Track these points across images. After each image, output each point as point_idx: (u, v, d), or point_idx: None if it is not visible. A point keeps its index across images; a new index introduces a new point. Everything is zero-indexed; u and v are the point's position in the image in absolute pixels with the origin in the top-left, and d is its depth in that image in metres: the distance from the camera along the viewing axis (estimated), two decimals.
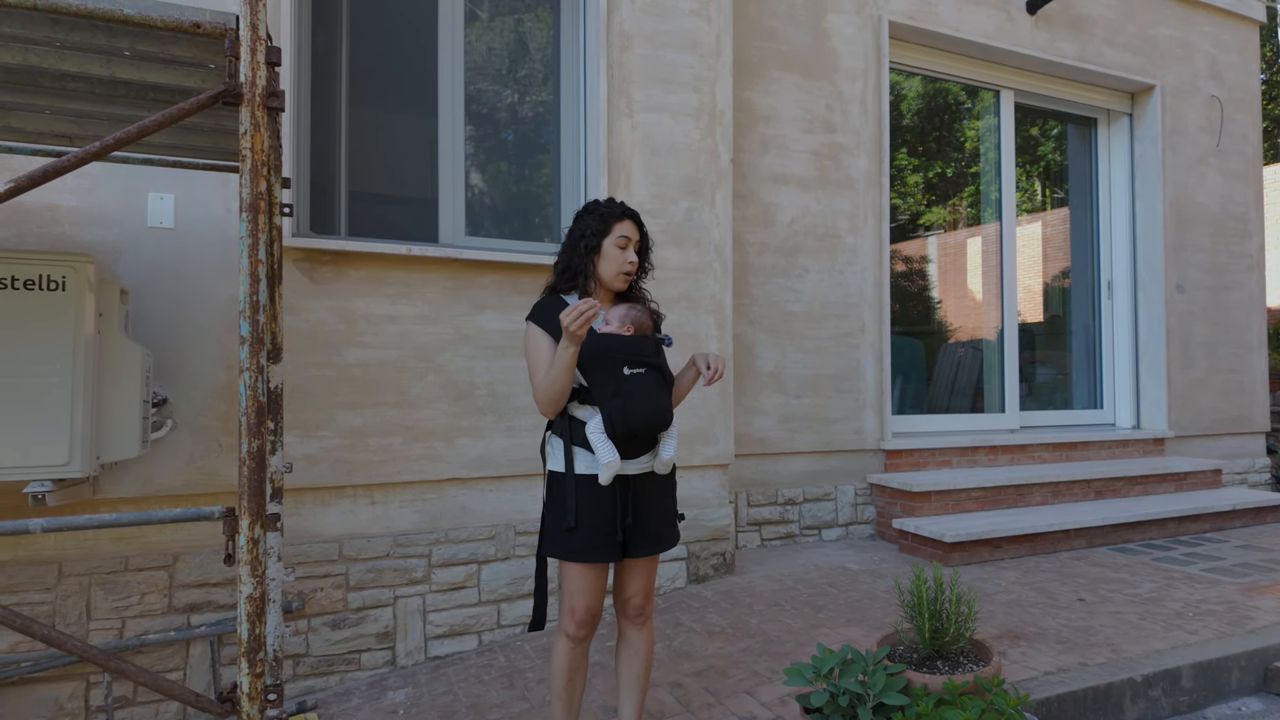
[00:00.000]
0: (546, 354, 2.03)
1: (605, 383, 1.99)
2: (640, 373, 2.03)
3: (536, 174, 3.88)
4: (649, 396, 2.01)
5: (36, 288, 2.31)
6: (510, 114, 3.81)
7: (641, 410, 1.99)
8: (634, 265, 2.14)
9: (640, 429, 2.00)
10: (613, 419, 1.97)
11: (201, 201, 2.94)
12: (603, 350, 2.02)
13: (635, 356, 2.03)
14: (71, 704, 2.70)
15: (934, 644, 2.16)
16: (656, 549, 2.10)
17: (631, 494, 2.06)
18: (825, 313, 4.57)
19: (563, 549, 2.02)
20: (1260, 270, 6.21)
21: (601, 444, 1.99)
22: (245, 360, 1.63)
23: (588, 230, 2.11)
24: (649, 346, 2.09)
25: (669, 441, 2.10)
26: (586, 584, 2.04)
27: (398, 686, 2.97)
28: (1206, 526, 4.81)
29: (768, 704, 2.55)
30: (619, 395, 1.98)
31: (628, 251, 2.12)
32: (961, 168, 5.87)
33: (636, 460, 2.06)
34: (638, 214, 2.18)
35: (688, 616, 3.37)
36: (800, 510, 4.51)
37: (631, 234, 2.14)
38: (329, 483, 3.08)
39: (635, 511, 2.06)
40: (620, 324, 2.08)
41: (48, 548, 2.72)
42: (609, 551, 2.02)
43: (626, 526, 2.04)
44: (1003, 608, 3.36)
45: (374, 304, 3.20)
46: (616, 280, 2.13)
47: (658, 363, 2.08)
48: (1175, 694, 2.73)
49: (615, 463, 1.98)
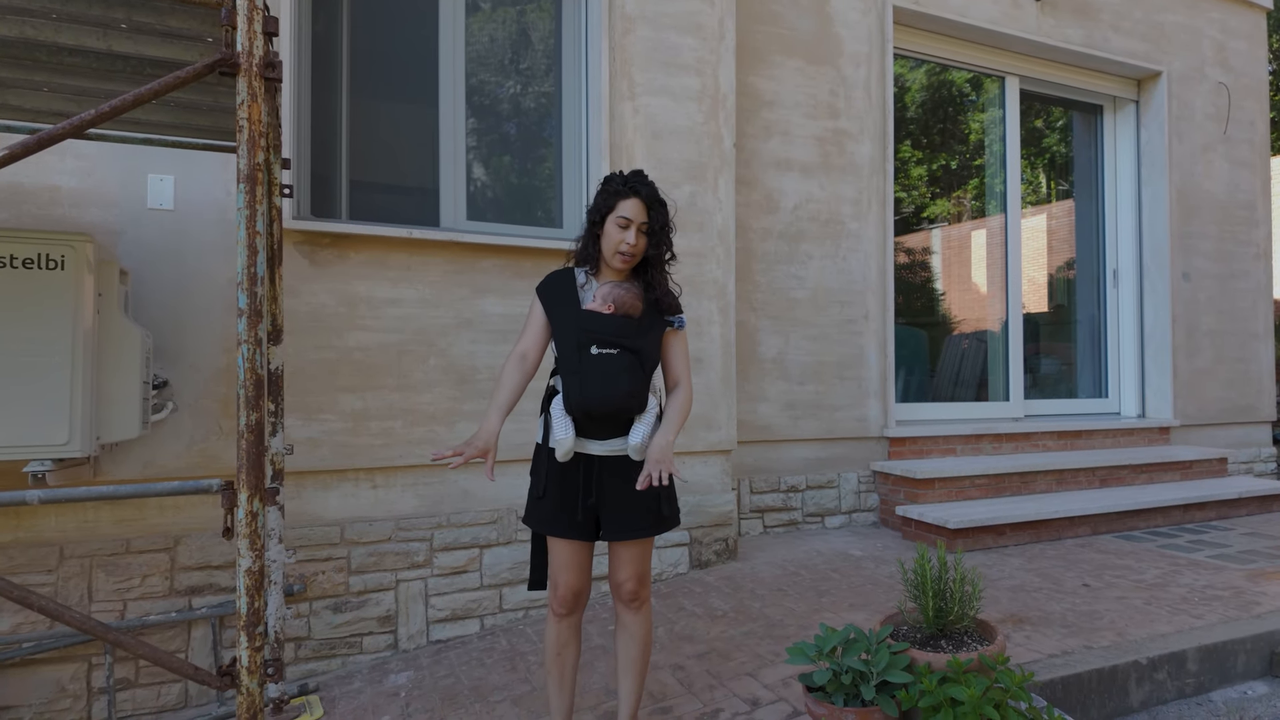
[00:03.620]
0: (536, 320, 2.10)
1: (569, 359, 1.99)
2: (610, 354, 1.98)
3: (538, 159, 3.86)
4: (612, 379, 1.96)
5: (36, 266, 2.30)
6: (511, 98, 3.78)
7: (600, 392, 1.95)
8: (631, 247, 2.04)
9: (597, 410, 1.97)
10: (569, 397, 1.97)
11: (201, 183, 2.93)
12: (576, 327, 2.00)
13: (608, 337, 1.98)
14: (73, 685, 2.70)
15: (938, 623, 2.14)
16: (625, 535, 2.03)
17: (597, 475, 2.02)
18: (829, 300, 4.55)
19: (534, 518, 2.06)
20: (1267, 259, 6.16)
21: (558, 419, 2.00)
22: (243, 333, 1.62)
23: (596, 204, 2.08)
24: (629, 328, 2.01)
25: (639, 426, 2.02)
26: (563, 560, 2.05)
27: (400, 670, 2.97)
28: (1212, 515, 4.78)
29: (770, 685, 2.54)
30: (578, 374, 1.97)
31: (627, 232, 2.03)
32: (965, 160, 5.84)
33: (604, 442, 2.02)
34: (651, 192, 2.07)
35: (690, 601, 3.36)
36: (803, 498, 4.50)
37: (634, 214, 2.04)
38: (330, 466, 3.08)
39: (601, 493, 2.01)
40: (601, 302, 2.04)
41: (49, 529, 2.72)
42: (570, 529, 2.01)
43: (591, 507, 2.01)
44: (1007, 593, 3.35)
45: (375, 287, 3.18)
46: (614, 260, 2.06)
47: (634, 345, 2.00)
48: (1181, 677, 2.72)
49: (567, 440, 1.97)
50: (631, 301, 2.04)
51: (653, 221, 2.08)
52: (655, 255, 2.10)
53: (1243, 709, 2.64)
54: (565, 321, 2.02)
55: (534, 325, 2.10)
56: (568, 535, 2.01)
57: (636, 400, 2.01)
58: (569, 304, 2.06)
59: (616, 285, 2.07)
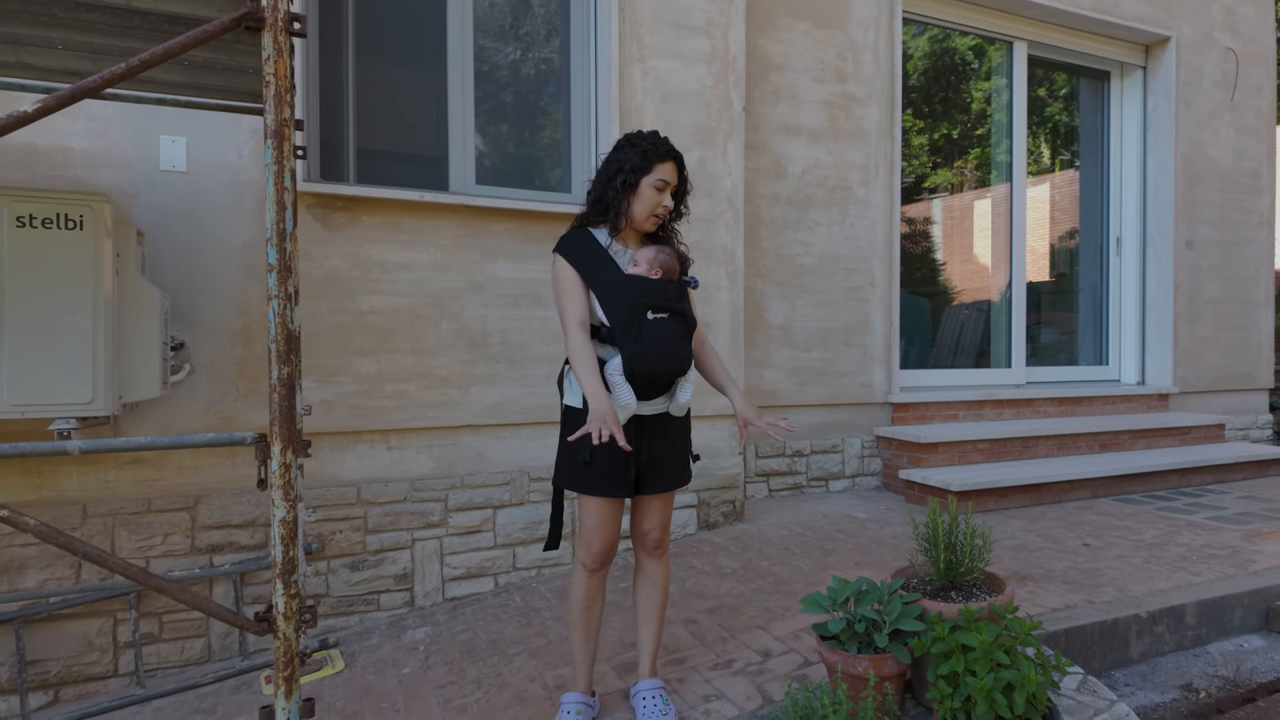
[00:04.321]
0: (570, 283, 2.03)
1: (627, 326, 2.00)
2: (663, 318, 2.03)
3: (546, 123, 3.84)
4: (669, 342, 2.02)
5: (55, 226, 2.31)
6: (519, 62, 3.76)
7: (660, 356, 2.00)
8: (667, 210, 2.11)
9: (658, 374, 2.02)
10: (632, 363, 1.99)
11: (214, 145, 2.92)
12: (627, 294, 2.01)
13: (659, 301, 2.03)
14: (100, 639, 2.76)
15: (948, 575, 2.20)
16: (670, 486, 2.14)
17: (646, 434, 2.09)
18: (835, 266, 4.57)
19: (578, 481, 2.05)
20: (1270, 227, 6.18)
21: (620, 385, 2.01)
22: (273, 288, 1.64)
23: (627, 164, 2.05)
24: (673, 291, 2.08)
25: (686, 385, 2.11)
26: (602, 517, 2.07)
27: (417, 625, 3.04)
28: (1209, 479, 4.86)
29: (781, 638, 2.61)
30: (639, 340, 1.99)
31: (664, 195, 2.08)
32: (967, 129, 5.80)
33: (652, 402, 2.08)
34: (681, 156, 2.12)
35: (699, 560, 3.42)
36: (808, 462, 4.56)
37: (671, 177, 2.09)
38: (346, 428, 3.11)
39: (649, 451, 2.09)
40: (649, 267, 2.07)
41: (71, 488, 2.76)
42: (622, 487, 2.05)
43: (641, 465, 2.07)
44: (1009, 552, 3.42)
45: (387, 251, 3.19)
46: (647, 223, 2.10)
47: (681, 308, 2.08)
48: (1180, 630, 2.79)
49: (632, 405, 2.01)
50: (673, 265, 2.10)
51: (681, 184, 2.13)
52: (677, 216, 2.16)
53: (1239, 660, 2.73)
54: (612, 286, 2.02)
55: (577, 291, 2.04)
56: (617, 494, 2.05)
57: (689, 360, 2.08)
58: (607, 267, 2.05)
59: (659, 250, 2.10)
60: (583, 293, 2.05)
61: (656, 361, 2.00)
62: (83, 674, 2.74)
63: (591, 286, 2.04)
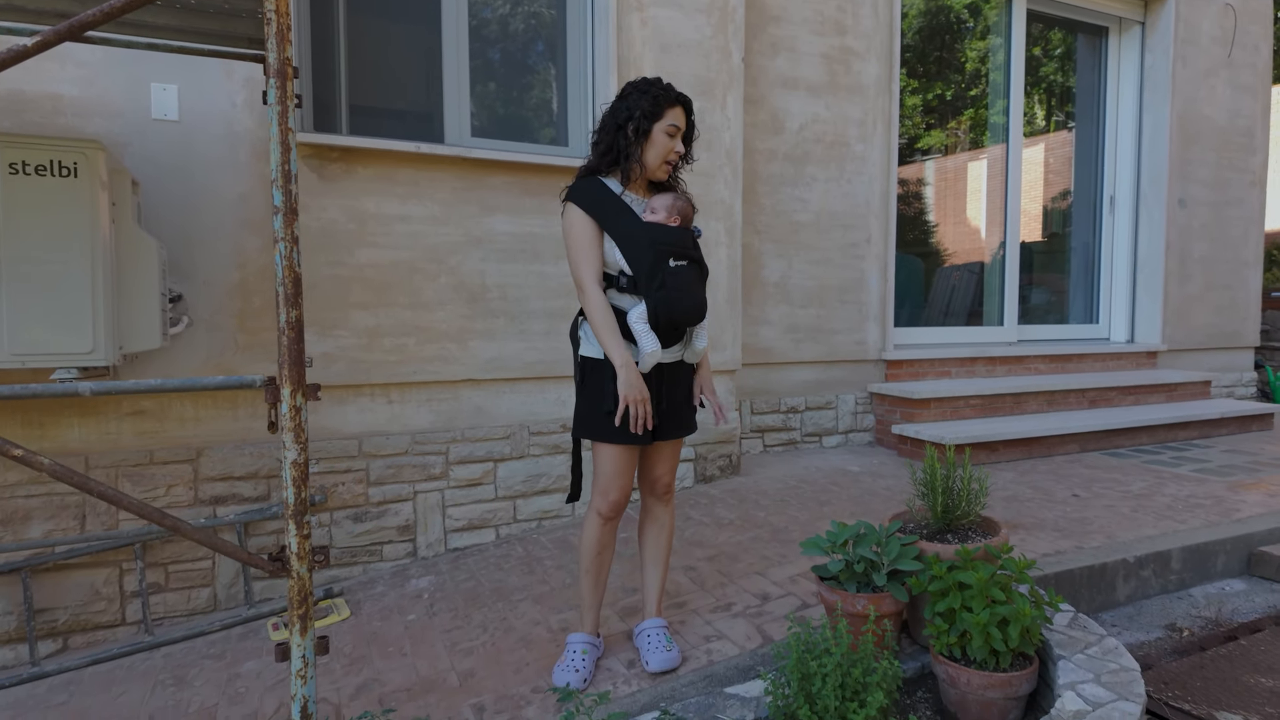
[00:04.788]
0: (585, 230, 2.02)
1: (651, 274, 2.00)
2: (683, 265, 2.05)
3: (543, 75, 3.79)
4: (690, 289, 2.05)
5: (49, 174, 2.28)
6: (515, 13, 3.68)
7: (684, 303, 2.03)
8: (679, 156, 2.10)
9: (681, 320, 2.05)
10: (657, 310, 2.00)
11: (206, 94, 2.87)
12: (650, 241, 2.01)
13: (679, 249, 2.05)
14: (107, 589, 2.79)
15: (945, 519, 2.25)
16: (684, 432, 2.18)
17: (665, 382, 2.12)
18: (832, 223, 4.56)
19: (601, 431, 2.05)
20: (1262, 186, 6.20)
21: (645, 334, 2.02)
22: (279, 230, 1.63)
23: (638, 111, 2.02)
24: (690, 239, 2.11)
25: (701, 333, 2.15)
26: (620, 466, 2.09)
27: (420, 575, 3.08)
28: (1194, 434, 4.96)
29: (779, 582, 2.67)
30: (664, 288, 2.00)
31: (675, 140, 2.08)
32: (961, 90, 5.76)
33: (671, 349, 2.10)
34: (689, 100, 2.11)
35: (697, 511, 3.48)
36: (802, 418, 4.61)
37: (681, 122, 2.08)
38: (346, 381, 3.12)
39: (668, 398, 2.12)
40: (667, 214, 2.07)
41: (73, 440, 2.76)
42: (644, 435, 2.08)
43: (661, 412, 2.10)
44: (1001, 502, 3.49)
45: (384, 203, 3.17)
46: (660, 169, 2.09)
47: (698, 255, 2.11)
48: (1165, 574, 2.88)
49: (657, 353, 2.03)
50: (689, 212, 2.12)
51: (690, 129, 2.13)
52: (685, 163, 2.16)
53: (1221, 602, 2.82)
54: (633, 234, 2.01)
55: (593, 243, 2.03)
56: (639, 442, 2.07)
57: (706, 308, 2.12)
58: (626, 215, 2.03)
59: (676, 197, 2.10)
60: (598, 245, 2.04)
61: (681, 309, 2.03)
62: (91, 622, 2.78)
63: (611, 234, 2.02)
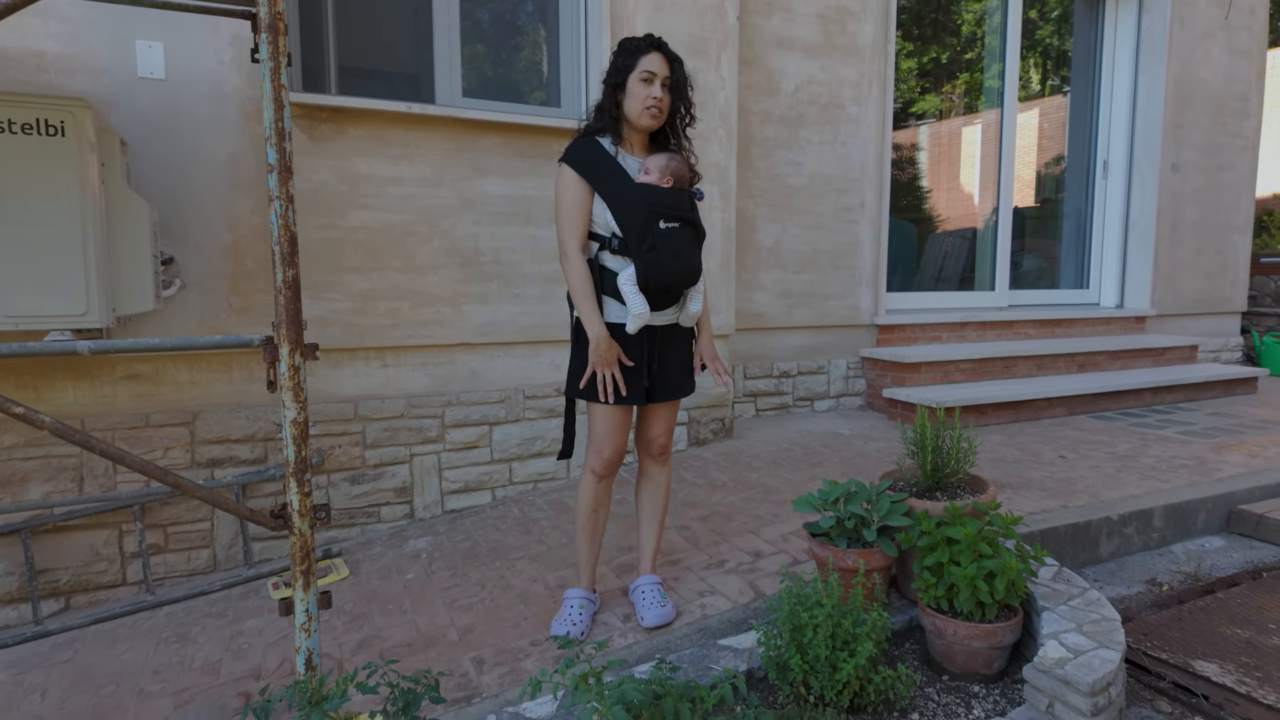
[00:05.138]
0: (574, 193, 2.03)
1: (641, 236, 2.00)
2: (675, 227, 2.04)
3: (535, 34, 3.73)
4: (681, 252, 2.04)
5: (35, 132, 2.25)
6: None
7: (674, 266, 2.02)
8: (658, 100, 2.04)
9: (671, 283, 2.04)
10: (646, 273, 2.00)
11: (192, 52, 2.82)
12: (641, 203, 2.01)
13: (671, 211, 2.03)
14: (107, 550, 2.82)
15: (934, 477, 2.30)
16: (678, 395, 2.20)
17: (658, 344, 2.13)
18: (826, 187, 4.55)
19: (592, 391, 2.09)
20: (1254, 151, 6.20)
21: (633, 295, 2.02)
22: (274, 188, 1.62)
23: (615, 67, 2.05)
24: (685, 200, 2.08)
25: (695, 296, 2.15)
26: (613, 425, 2.12)
27: (418, 536, 3.12)
28: (1180, 397, 5.03)
29: (770, 540, 2.72)
30: (654, 250, 2.00)
31: (652, 86, 2.02)
32: (956, 54, 5.69)
33: (663, 312, 2.11)
34: (669, 48, 2.07)
35: (690, 474, 3.53)
36: (794, 383, 4.64)
37: (657, 68, 2.03)
38: (340, 345, 3.12)
39: (661, 360, 2.14)
40: (660, 175, 2.05)
41: (68, 403, 2.76)
42: (635, 396, 2.10)
43: (652, 374, 2.12)
44: (989, 463, 3.55)
45: (376, 165, 3.14)
46: (642, 118, 2.05)
47: (692, 218, 2.09)
48: (1147, 532, 2.95)
49: (645, 315, 2.03)
50: (685, 173, 2.09)
51: (675, 75, 2.07)
52: (677, 119, 2.11)
53: (1200, 558, 2.89)
54: (624, 195, 2.01)
55: (580, 207, 2.04)
56: (633, 402, 2.10)
57: (699, 271, 2.10)
58: (618, 175, 2.03)
59: (670, 157, 2.07)
60: (585, 208, 2.05)
61: (670, 271, 2.02)
62: (92, 582, 2.81)
63: (603, 195, 2.03)
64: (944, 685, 1.96)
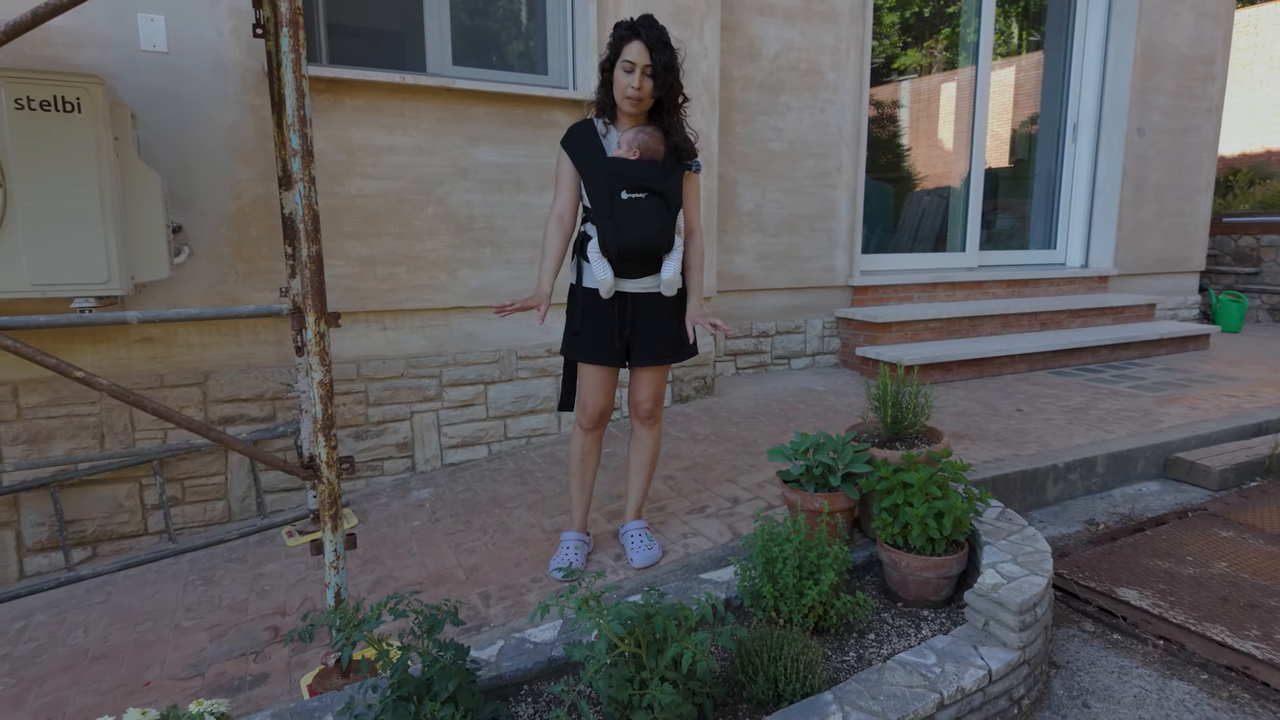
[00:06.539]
0: (565, 177, 2.25)
1: (601, 204, 2.18)
2: (639, 198, 2.17)
3: (521, 2, 3.81)
4: (642, 221, 2.16)
5: (53, 109, 2.36)
6: None
7: (632, 233, 2.15)
8: (636, 91, 2.13)
9: (631, 251, 2.17)
10: (604, 240, 2.18)
11: (192, 23, 2.91)
12: (605, 175, 2.18)
13: (635, 181, 2.16)
14: (129, 502, 3.01)
15: (894, 429, 2.54)
16: (655, 362, 2.33)
17: (631, 309, 2.29)
18: (805, 152, 4.70)
19: (571, 349, 2.33)
20: (1218, 114, 6.41)
21: (596, 261, 2.20)
22: (298, 171, 1.78)
23: (607, 54, 2.19)
24: (654, 172, 2.19)
25: (668, 263, 2.26)
26: (593, 383, 2.34)
27: (420, 487, 3.34)
28: (1135, 354, 5.33)
29: (748, 488, 2.97)
30: (611, 218, 2.16)
31: (631, 76, 2.13)
32: (940, 7, 5.79)
33: (638, 280, 2.26)
34: (654, 35, 2.13)
35: (674, 428, 3.76)
36: (772, 342, 4.87)
37: (636, 57, 2.12)
38: (342, 308, 3.28)
39: (635, 326, 2.30)
40: (628, 148, 2.20)
41: (85, 365, 2.92)
42: (608, 358, 2.29)
43: (626, 338, 2.30)
44: (951, 416, 3.82)
45: (372, 134, 3.26)
46: (624, 104, 2.18)
47: (660, 188, 2.19)
48: (1089, 478, 3.24)
49: (608, 280, 2.19)
50: (654, 145, 2.19)
51: (656, 64, 2.12)
52: (666, 99, 2.20)
53: (1135, 501, 3.19)
54: (594, 169, 2.19)
55: (566, 183, 2.26)
56: (603, 363, 2.29)
57: (665, 239, 2.20)
58: (595, 152, 2.21)
59: (640, 130, 2.19)
60: (570, 185, 2.27)
61: (628, 237, 2.15)
62: (116, 532, 3.00)
63: (580, 171, 2.23)
64: (898, 611, 2.23)
